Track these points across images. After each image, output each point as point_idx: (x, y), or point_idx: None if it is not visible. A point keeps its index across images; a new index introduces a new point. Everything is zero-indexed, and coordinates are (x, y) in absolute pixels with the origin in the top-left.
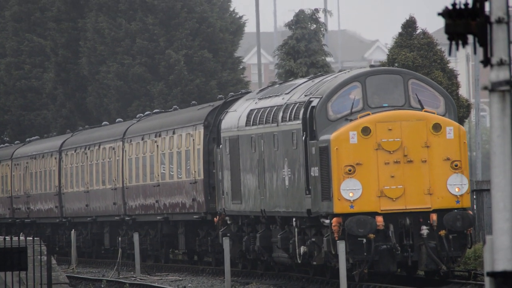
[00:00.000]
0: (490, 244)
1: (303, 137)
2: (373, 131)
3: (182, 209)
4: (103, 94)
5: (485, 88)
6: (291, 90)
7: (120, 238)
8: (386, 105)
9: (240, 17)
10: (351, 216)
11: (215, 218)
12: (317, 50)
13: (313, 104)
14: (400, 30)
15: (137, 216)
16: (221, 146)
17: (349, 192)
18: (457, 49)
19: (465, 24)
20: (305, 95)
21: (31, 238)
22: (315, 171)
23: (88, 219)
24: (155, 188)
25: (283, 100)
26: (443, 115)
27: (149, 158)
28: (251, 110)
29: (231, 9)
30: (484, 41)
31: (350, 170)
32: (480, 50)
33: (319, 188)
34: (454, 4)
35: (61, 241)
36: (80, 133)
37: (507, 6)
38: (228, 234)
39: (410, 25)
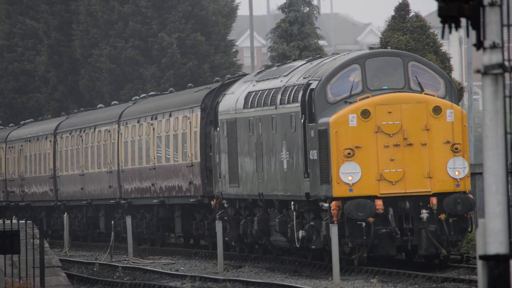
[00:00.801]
0: (483, 228)
1: (302, 120)
2: (373, 114)
3: (179, 192)
4: (96, 77)
5: (478, 71)
6: (290, 73)
7: (113, 222)
8: (386, 87)
9: (233, 0)
10: (350, 199)
11: (212, 202)
12: (310, 33)
13: (312, 86)
14: (393, 13)
15: (133, 200)
16: (218, 128)
17: (348, 176)
18: (450, 32)
19: (458, 7)
20: (304, 78)
21: (24, 222)
22: (313, 154)
23: (83, 202)
24: (151, 171)
25: (281, 83)
26: (443, 98)
27: (145, 141)
28: (249, 93)
29: None
30: (477, 24)
31: (349, 153)
32: (473, 33)
33: (318, 172)
34: None
35: (56, 225)
36: (75, 115)
37: None
38: (225, 218)
39: (403, 8)
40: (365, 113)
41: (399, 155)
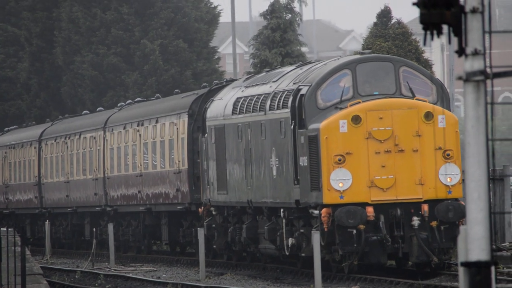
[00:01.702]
0: (464, 234)
1: (292, 126)
2: (364, 119)
3: (166, 199)
4: (78, 84)
5: (460, 78)
6: (279, 78)
7: (95, 229)
8: (377, 93)
9: (215, 7)
10: (341, 206)
11: (199, 209)
12: (292, 40)
13: (302, 92)
14: (375, 20)
15: (119, 207)
16: (206, 135)
17: (339, 182)
18: (432, 39)
19: (440, 14)
20: (294, 83)
21: (5, 229)
22: (304, 161)
23: (69, 209)
24: (137, 178)
25: (270, 88)
26: (435, 103)
27: (131, 147)
28: (238, 98)
29: None
30: (458, 31)
31: (340, 160)
32: (454, 40)
33: (308, 178)
34: None
35: (40, 232)
36: (60, 122)
37: None
38: (213, 225)
39: (385, 14)
40: (356, 119)
41: (390, 162)
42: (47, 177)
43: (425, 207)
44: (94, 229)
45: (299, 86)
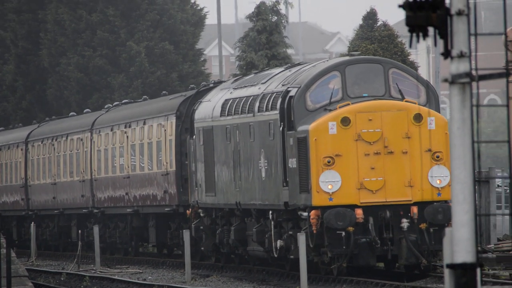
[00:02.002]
0: (450, 236)
1: (281, 128)
2: (353, 121)
3: (153, 201)
4: (64, 86)
5: (445, 80)
6: (268, 80)
7: (80, 231)
8: (366, 95)
9: (201, 9)
10: (330, 208)
11: (187, 211)
12: (278, 42)
13: (291, 93)
14: (361, 22)
15: (106, 209)
16: (194, 137)
17: (328, 184)
18: (418, 41)
19: (425, 16)
20: (283, 85)
21: None
22: (292, 163)
23: (55, 211)
24: (125, 180)
25: (259, 90)
26: (425, 105)
27: (118, 149)
28: (226, 100)
29: (192, 1)
30: (444, 33)
31: (329, 162)
32: (440, 42)
33: (297, 180)
34: None
35: (27, 234)
36: (47, 124)
37: None
38: (201, 227)
39: (371, 17)
40: (345, 121)
41: (379, 164)
42: (34, 179)
43: (414, 209)
44: (80, 231)
45: (288, 87)
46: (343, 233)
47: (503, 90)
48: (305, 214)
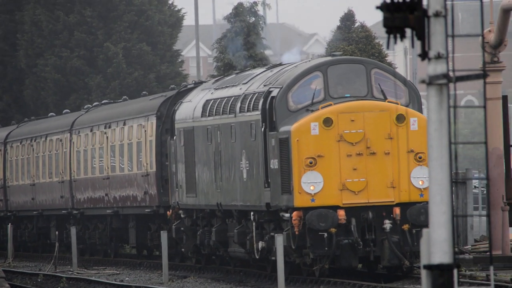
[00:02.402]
0: (427, 237)
1: (262, 128)
2: (335, 122)
3: (133, 202)
4: (41, 87)
5: (423, 81)
6: (249, 80)
7: (57, 232)
8: (349, 95)
9: (179, 10)
10: (312, 210)
11: (168, 212)
12: (255, 43)
13: (273, 94)
14: (338, 24)
15: (86, 210)
16: (175, 137)
17: (310, 185)
18: (395, 42)
19: (403, 18)
20: (264, 85)
21: None
22: (274, 164)
23: (34, 212)
24: (104, 181)
25: (240, 90)
26: (407, 106)
27: (98, 150)
28: (207, 101)
29: (170, 1)
30: (422, 34)
31: (311, 163)
32: (418, 43)
33: (278, 181)
34: None
35: (5, 235)
36: (26, 124)
37: (445, 0)
38: (182, 228)
39: (348, 18)
40: (327, 122)
41: (362, 164)
42: (13, 179)
43: (397, 210)
44: (57, 232)
45: (270, 88)
46: (325, 234)
47: (480, 91)
48: (287, 215)
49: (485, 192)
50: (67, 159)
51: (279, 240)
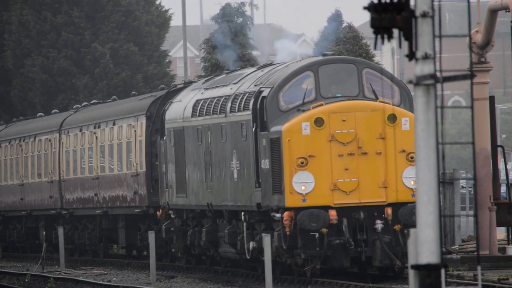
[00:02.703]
0: (414, 237)
1: (253, 128)
2: (327, 122)
3: (123, 202)
4: (28, 87)
5: (410, 82)
6: (240, 80)
7: (45, 232)
8: (340, 95)
9: (166, 11)
10: (303, 210)
11: (158, 212)
12: (243, 43)
13: (264, 94)
14: (326, 24)
15: (75, 210)
16: (165, 137)
17: (301, 185)
18: (383, 43)
19: (390, 18)
20: (255, 85)
21: None
22: (265, 164)
23: (23, 213)
24: (94, 181)
25: (231, 90)
26: (399, 106)
27: (87, 150)
28: (197, 101)
29: (157, 2)
30: (409, 35)
31: (302, 163)
32: (405, 44)
33: (270, 181)
34: None
35: None
36: (14, 124)
37: (432, 0)
38: (172, 228)
39: (336, 18)
40: (318, 121)
41: (353, 164)
42: (1, 179)
43: (389, 211)
44: (44, 232)
45: (261, 88)
46: (317, 235)
47: (468, 91)
48: (278, 215)
49: (472, 192)
50: (56, 159)
51: (267, 240)
